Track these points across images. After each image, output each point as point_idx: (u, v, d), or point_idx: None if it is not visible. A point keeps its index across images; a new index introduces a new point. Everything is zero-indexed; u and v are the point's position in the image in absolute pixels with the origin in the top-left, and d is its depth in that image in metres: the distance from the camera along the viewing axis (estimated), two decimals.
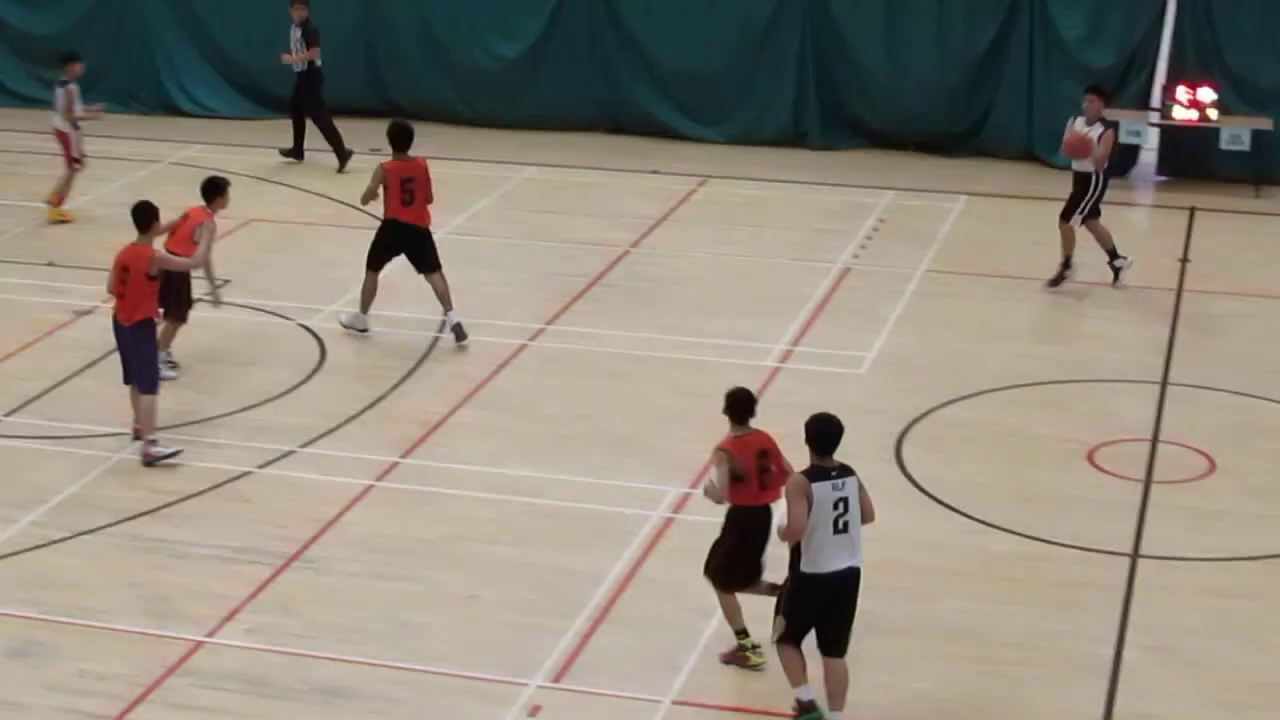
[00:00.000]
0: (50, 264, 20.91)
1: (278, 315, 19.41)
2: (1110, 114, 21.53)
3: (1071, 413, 17.19)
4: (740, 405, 12.46)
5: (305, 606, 13.52)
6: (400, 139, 18.64)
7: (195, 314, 18.01)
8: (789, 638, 11.84)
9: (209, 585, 13.80)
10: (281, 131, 25.43)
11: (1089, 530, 14.75)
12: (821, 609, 11.71)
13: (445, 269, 18.81)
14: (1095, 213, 20.25)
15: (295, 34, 25.14)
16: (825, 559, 11.53)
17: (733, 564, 12.54)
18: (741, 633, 12.65)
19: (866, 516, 11.74)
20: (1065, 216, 20.29)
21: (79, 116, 22.74)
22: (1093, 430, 16.66)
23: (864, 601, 11.80)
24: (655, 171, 24.83)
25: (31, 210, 22.70)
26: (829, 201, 23.74)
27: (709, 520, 12.96)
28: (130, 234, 16.11)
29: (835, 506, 11.50)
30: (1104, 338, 19.18)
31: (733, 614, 12.66)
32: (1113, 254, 20.44)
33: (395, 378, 17.74)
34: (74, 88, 22.75)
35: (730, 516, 12.50)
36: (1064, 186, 20.45)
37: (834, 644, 11.78)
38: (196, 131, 26.75)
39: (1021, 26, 25.18)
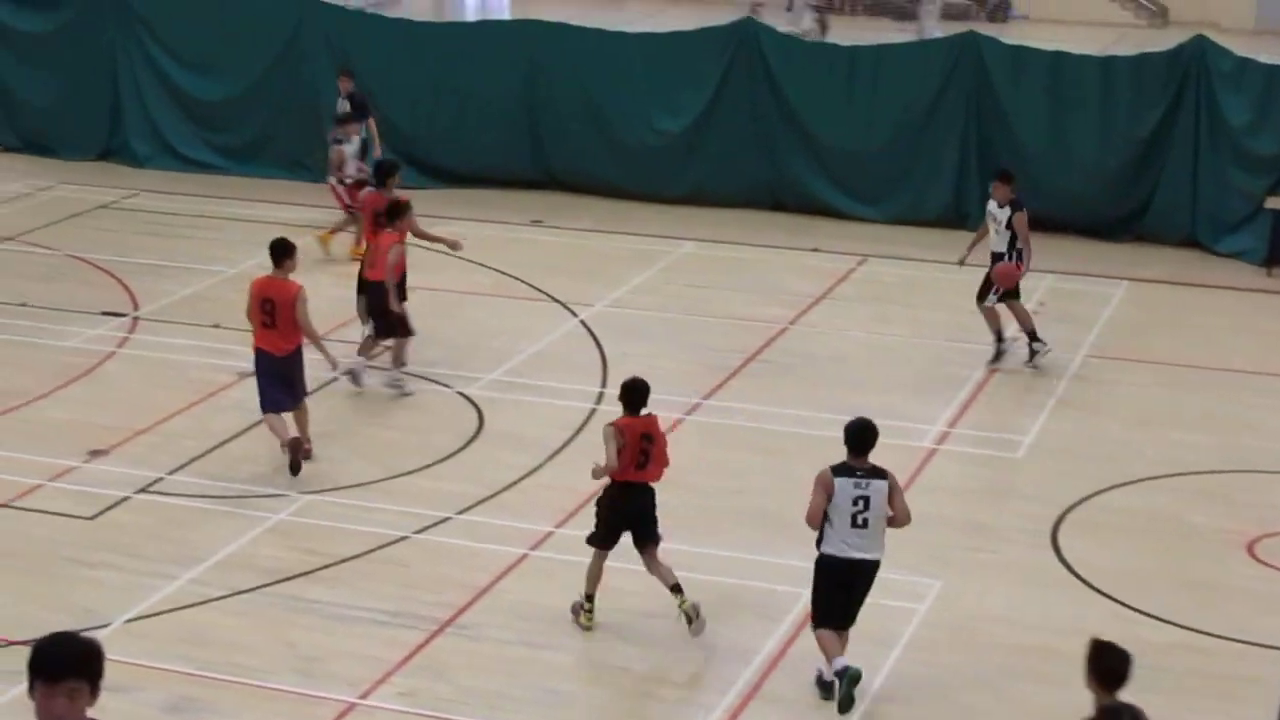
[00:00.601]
0: (216, 325, 21.27)
1: (437, 383, 19.61)
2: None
3: (1232, 503, 16.98)
4: (634, 394, 14.19)
5: (457, 672, 13.62)
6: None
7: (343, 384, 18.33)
8: (818, 622, 13.16)
9: (362, 648, 13.94)
10: (444, 200, 25.72)
11: (1248, 623, 14.54)
12: (836, 589, 13.02)
13: (603, 341, 18.90)
14: (1014, 294, 20.24)
15: (343, 106, 25.44)
16: (840, 547, 12.88)
17: (600, 527, 14.35)
18: (589, 598, 14.38)
19: (898, 520, 12.98)
20: (980, 298, 20.29)
21: (346, 175, 23.53)
22: (1254, 521, 16.45)
23: (1017, 686, 11.71)
24: (815, 249, 24.86)
25: (198, 272, 23.11)
26: None
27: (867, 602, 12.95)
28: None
29: (855, 503, 12.77)
30: (1266, 428, 18.93)
31: (592, 579, 14.39)
32: (1032, 335, 20.31)
33: (552, 448, 17.86)
34: (345, 148, 23.48)
35: (607, 490, 14.30)
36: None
37: (846, 619, 13.17)
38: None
39: (1187, 111, 24.98)
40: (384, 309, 18.96)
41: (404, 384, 19.15)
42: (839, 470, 12.87)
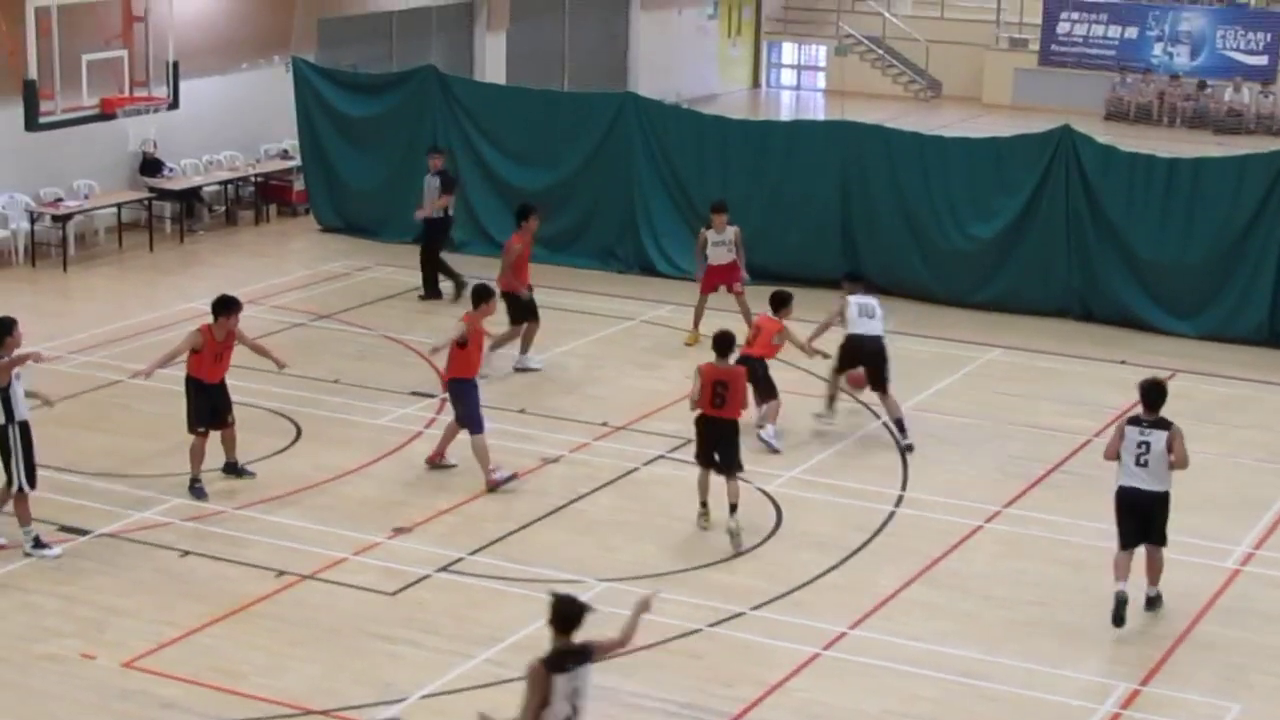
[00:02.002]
0: (521, 411, 21.60)
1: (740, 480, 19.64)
2: None
3: None
4: (719, 343, 17.98)
5: None
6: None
7: (659, 470, 18.43)
8: (1119, 545, 16.11)
9: None
10: (750, 295, 25.79)
11: None
12: (1125, 515, 16.07)
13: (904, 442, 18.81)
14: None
15: (433, 183, 26.59)
16: (1126, 480, 16.03)
17: (697, 448, 18.10)
18: (703, 504, 18.12)
19: (1177, 463, 15.93)
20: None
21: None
22: None
23: None
24: (1123, 362, 24.41)
25: (506, 358, 23.45)
26: None
27: None
28: None
29: (1138, 446, 15.91)
30: None
31: (702, 489, 18.15)
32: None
33: (850, 548, 17.77)
34: (738, 230, 24.17)
35: (696, 420, 18.02)
36: None
37: (1144, 539, 16.11)
38: (670, 292, 27.24)
39: None
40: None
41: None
42: (1131, 420, 16.09)
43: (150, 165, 31.20)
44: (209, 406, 18.93)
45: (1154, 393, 15.97)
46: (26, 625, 15.67)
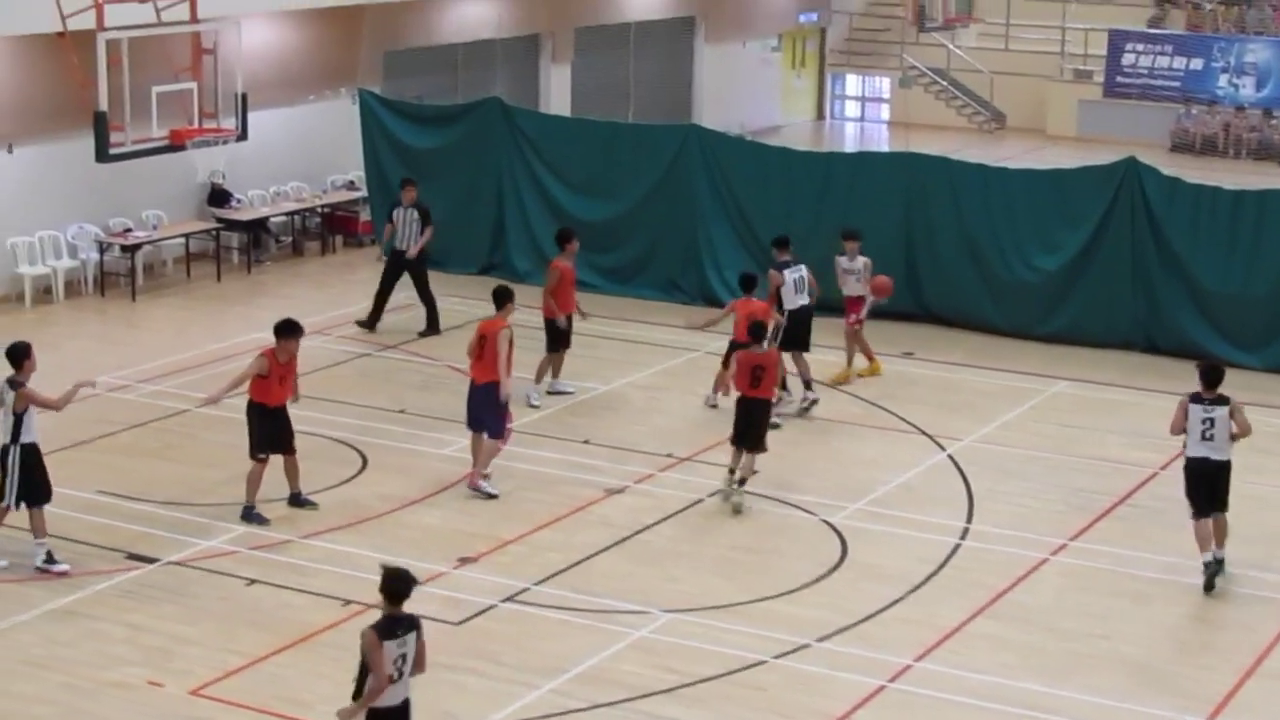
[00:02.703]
0: (585, 441, 21.65)
1: (803, 509, 19.66)
2: None
3: None
4: (751, 329, 20.17)
5: None
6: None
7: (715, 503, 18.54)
8: (1193, 515, 17.59)
9: None
10: (816, 328, 25.82)
11: None
12: (1197, 483, 17.51)
13: (970, 476, 18.76)
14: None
15: (410, 215, 26.68)
16: (1193, 451, 17.46)
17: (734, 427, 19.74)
18: (731, 471, 19.60)
19: (1241, 432, 17.52)
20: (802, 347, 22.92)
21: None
22: None
23: None
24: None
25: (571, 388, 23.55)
26: None
27: None
28: None
29: (1203, 423, 17.37)
30: None
31: (735, 459, 19.66)
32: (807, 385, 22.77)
33: (914, 581, 17.72)
34: (868, 260, 24.25)
35: (736, 401, 19.70)
36: None
37: (1212, 506, 17.48)
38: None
39: None
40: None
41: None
42: (1194, 399, 17.54)
43: (218, 196, 31.44)
44: (271, 432, 19.06)
45: (1213, 374, 17.73)
46: (94, 653, 15.78)
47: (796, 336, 22.87)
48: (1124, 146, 34.32)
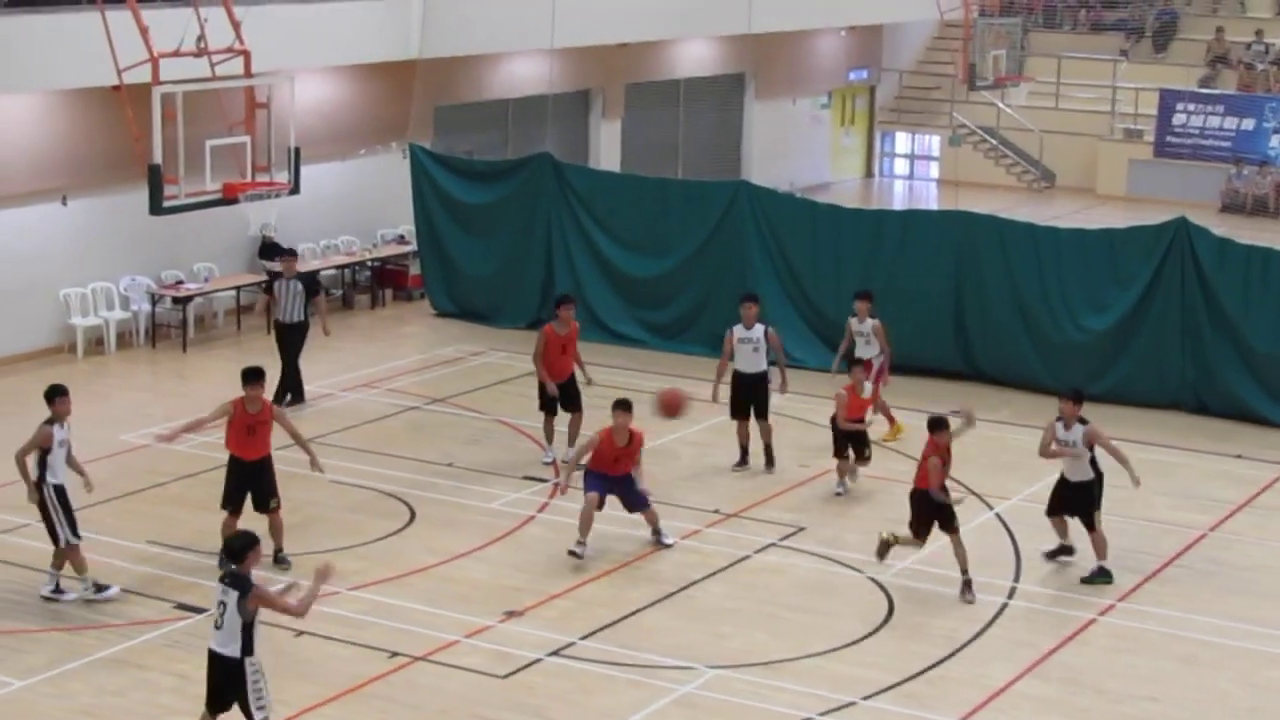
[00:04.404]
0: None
1: (849, 567, 19.63)
2: None
3: None
4: None
5: None
6: None
7: (771, 558, 18.50)
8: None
9: None
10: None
11: None
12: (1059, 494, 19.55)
13: (1018, 536, 18.71)
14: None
15: (295, 287, 25.78)
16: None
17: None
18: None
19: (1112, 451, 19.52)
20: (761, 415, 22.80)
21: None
22: None
23: None
24: (1239, 456, 24.21)
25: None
26: None
27: None
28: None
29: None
30: None
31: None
32: (745, 451, 22.90)
33: (961, 640, 17.68)
34: (879, 323, 23.92)
35: None
36: None
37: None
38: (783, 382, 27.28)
39: None
40: None
41: None
42: (1059, 419, 19.44)
43: (269, 249, 31.64)
44: (244, 487, 18.90)
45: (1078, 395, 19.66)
46: (142, 702, 15.85)
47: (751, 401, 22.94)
48: (1174, 207, 34.31)
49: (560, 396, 22.90)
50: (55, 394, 18.07)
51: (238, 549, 14.22)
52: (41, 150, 28.31)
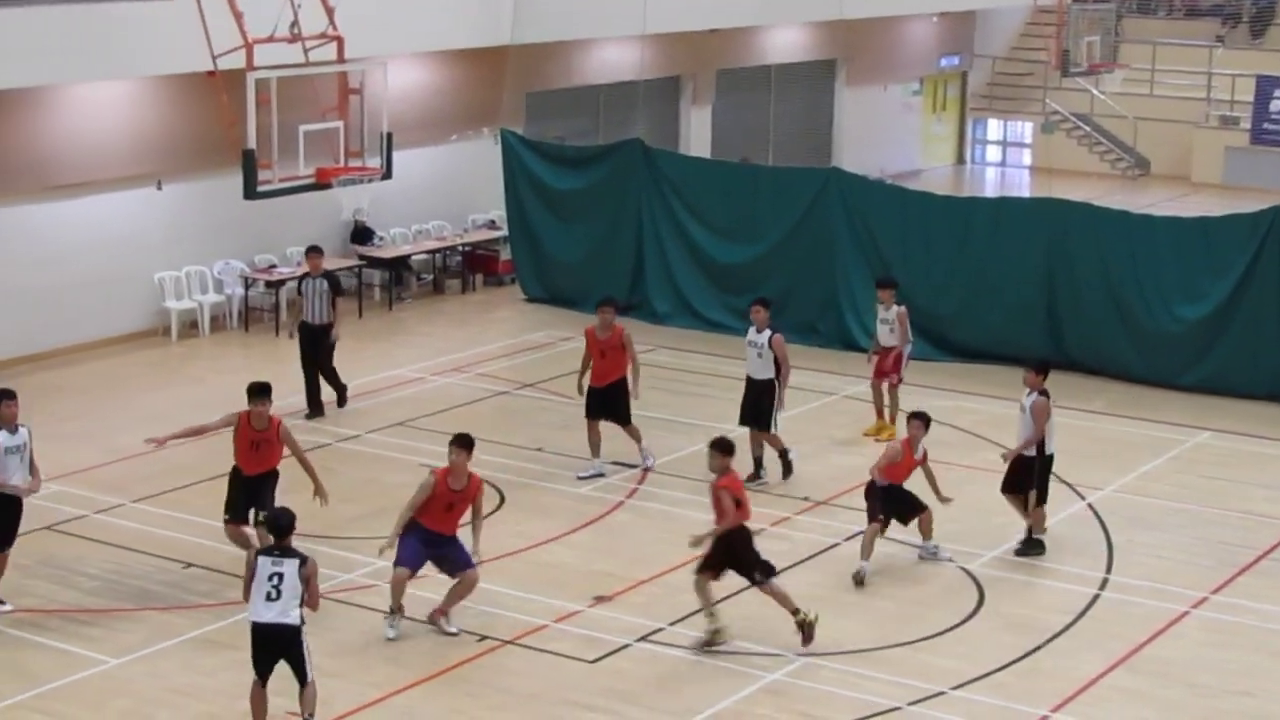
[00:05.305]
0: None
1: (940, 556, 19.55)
2: None
3: None
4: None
5: None
6: None
7: (852, 548, 18.53)
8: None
9: None
10: (953, 374, 25.73)
11: None
12: None
13: (1110, 526, 18.58)
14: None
15: (320, 286, 24.61)
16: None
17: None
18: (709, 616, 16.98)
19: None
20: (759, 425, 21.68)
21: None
22: None
23: None
24: None
25: (706, 430, 23.45)
26: None
27: None
28: None
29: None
30: None
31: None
32: (758, 463, 21.71)
33: (1051, 631, 17.57)
34: (904, 310, 23.83)
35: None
36: None
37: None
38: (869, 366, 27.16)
39: None
40: None
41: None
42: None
43: (360, 234, 31.81)
44: (245, 500, 18.25)
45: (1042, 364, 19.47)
46: (234, 683, 15.94)
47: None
48: (1271, 195, 33.89)
49: (600, 403, 21.92)
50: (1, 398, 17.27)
51: (285, 524, 14.80)
52: (137, 136, 28.54)
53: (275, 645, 14.62)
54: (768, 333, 21.62)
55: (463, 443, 17.19)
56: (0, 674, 16.20)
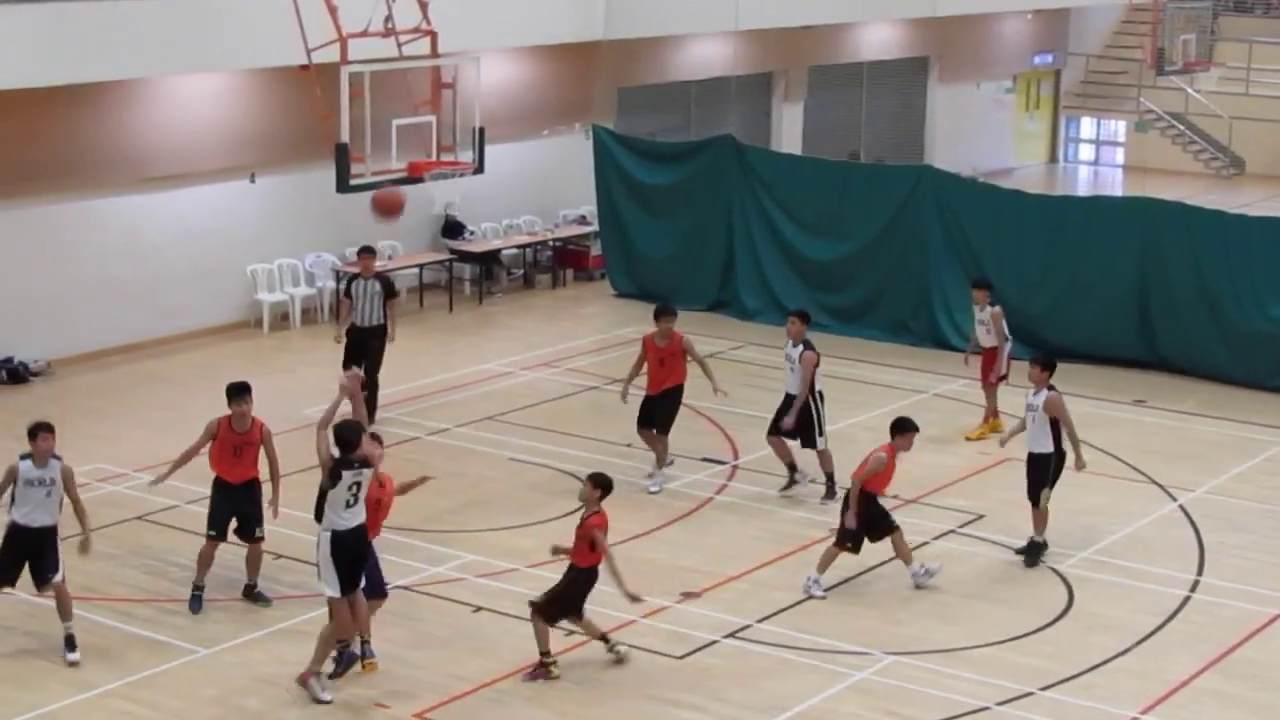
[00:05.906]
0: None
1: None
2: None
3: None
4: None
5: None
6: None
7: (949, 545, 18.36)
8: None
9: None
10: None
11: None
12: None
13: (1201, 528, 18.46)
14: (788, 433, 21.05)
15: (372, 288, 23.74)
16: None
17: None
18: (546, 653, 16.18)
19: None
20: (772, 432, 21.12)
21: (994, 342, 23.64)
22: None
23: None
24: None
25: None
26: None
27: None
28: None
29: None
30: None
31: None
32: (792, 468, 21.23)
33: (1142, 633, 17.44)
34: (999, 310, 23.64)
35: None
36: None
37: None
38: (964, 367, 26.77)
39: None
40: None
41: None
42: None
43: (452, 228, 31.96)
44: (228, 511, 17.56)
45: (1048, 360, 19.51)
46: None
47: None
48: None
49: (650, 411, 21.69)
50: (36, 431, 16.24)
51: (352, 437, 15.55)
52: (231, 129, 28.78)
53: (360, 546, 15.62)
54: (800, 347, 20.99)
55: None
56: (92, 662, 16.36)
